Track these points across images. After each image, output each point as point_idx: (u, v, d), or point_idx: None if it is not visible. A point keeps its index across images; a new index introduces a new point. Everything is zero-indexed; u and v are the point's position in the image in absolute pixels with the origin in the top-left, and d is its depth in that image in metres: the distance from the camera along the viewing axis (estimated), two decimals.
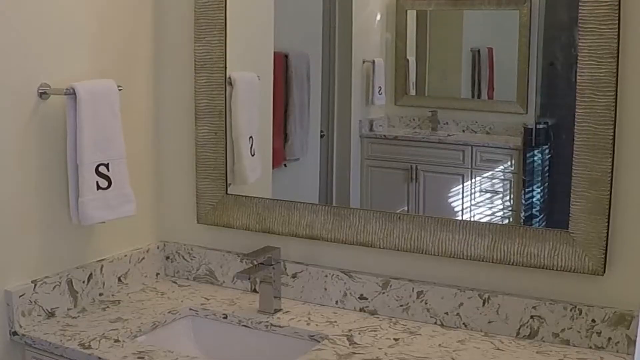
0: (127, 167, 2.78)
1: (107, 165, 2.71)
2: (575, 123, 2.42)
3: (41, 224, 2.68)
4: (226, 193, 3.04)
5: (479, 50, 2.92)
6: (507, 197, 2.81)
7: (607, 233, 2.41)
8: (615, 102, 2.37)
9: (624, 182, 2.40)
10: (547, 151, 2.72)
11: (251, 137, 3.04)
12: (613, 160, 2.39)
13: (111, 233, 2.93)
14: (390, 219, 2.75)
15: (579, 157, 2.42)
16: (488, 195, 2.85)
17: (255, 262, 2.77)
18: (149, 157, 3.15)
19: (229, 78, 2.99)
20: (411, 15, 2.99)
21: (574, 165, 2.43)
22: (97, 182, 2.68)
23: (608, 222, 2.41)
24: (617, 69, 2.36)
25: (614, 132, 2.38)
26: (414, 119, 3.00)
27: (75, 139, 2.64)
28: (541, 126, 2.74)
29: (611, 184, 2.40)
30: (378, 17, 3.05)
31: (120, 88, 2.77)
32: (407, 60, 3.02)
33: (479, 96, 2.95)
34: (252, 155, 3.05)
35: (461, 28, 3.01)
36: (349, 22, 3.05)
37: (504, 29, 2.87)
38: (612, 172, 2.40)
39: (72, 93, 2.62)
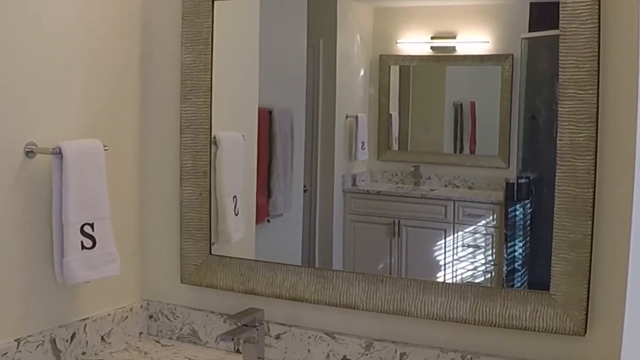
0: (111, 226, 2.78)
1: (92, 225, 2.71)
2: (556, 186, 2.44)
3: (25, 282, 2.67)
4: (210, 253, 3.04)
5: (461, 105, 2.95)
6: (489, 252, 2.83)
7: (588, 294, 2.43)
8: (595, 165, 2.40)
9: (604, 245, 2.42)
10: (528, 205, 2.74)
11: (235, 196, 3.05)
12: (593, 223, 2.41)
13: (95, 292, 2.92)
14: (373, 282, 2.76)
15: (559, 220, 2.45)
16: (470, 249, 2.86)
17: (239, 324, 2.77)
18: (133, 217, 3.16)
19: (214, 138, 3.01)
20: (394, 71, 3.02)
21: (554, 227, 2.46)
22: (81, 242, 2.68)
23: (589, 283, 2.43)
24: (597, 133, 2.39)
25: (594, 195, 2.41)
26: (396, 174, 3.01)
27: (61, 198, 2.65)
28: (523, 181, 2.76)
29: (591, 246, 2.42)
30: (361, 73, 3.07)
31: (106, 148, 2.78)
32: (390, 115, 3.04)
33: (461, 151, 2.98)
34: (236, 215, 3.06)
35: (444, 83, 3.04)
36: (332, 78, 3.07)
37: (486, 83, 2.90)
38: (592, 234, 2.42)
39: (58, 152, 2.63)
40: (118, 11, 3.01)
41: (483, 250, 2.84)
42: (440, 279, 2.86)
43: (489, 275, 2.83)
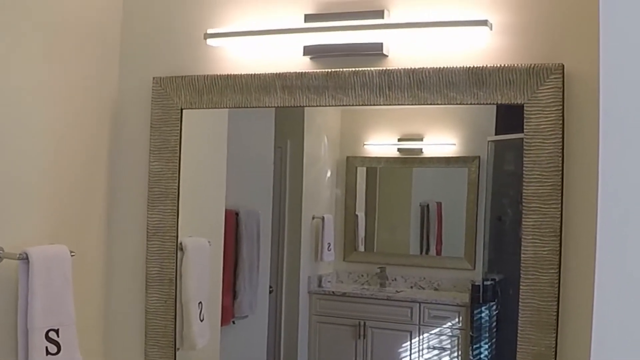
0: (77, 332, 2.75)
1: (57, 331, 2.67)
2: (520, 299, 2.45)
3: None
4: None
5: (427, 205, 2.97)
6: (455, 354, 2.83)
7: None
8: (559, 279, 2.41)
9: (568, 358, 2.42)
10: (494, 307, 2.74)
11: (200, 302, 3.03)
12: (557, 335, 2.42)
13: None
14: None
15: (523, 332, 2.45)
16: (436, 352, 2.86)
17: None
18: (98, 323, 3.13)
19: (180, 244, 3.00)
20: (361, 172, 3.04)
21: (518, 340, 2.46)
22: (46, 347, 2.64)
23: None
24: (560, 247, 2.41)
25: (558, 308, 2.42)
26: (362, 275, 3.02)
27: (27, 303, 2.62)
28: (488, 283, 2.77)
29: (555, 359, 2.42)
30: (328, 174, 3.09)
31: (72, 254, 2.76)
32: (357, 216, 3.06)
33: (427, 252, 2.99)
34: (202, 321, 3.03)
35: (410, 184, 3.07)
36: (299, 179, 3.08)
37: (453, 184, 2.93)
38: (556, 347, 2.42)
39: (25, 258, 2.61)
40: (87, 117, 3.02)
41: (449, 352, 2.84)
42: None
43: None
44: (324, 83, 2.71)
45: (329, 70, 2.71)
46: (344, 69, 2.68)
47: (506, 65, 2.48)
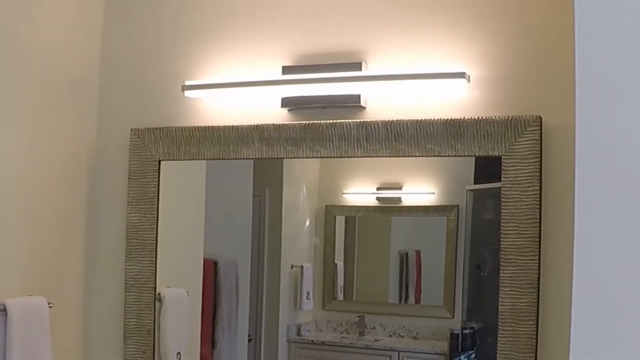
0: None
1: None
2: (498, 351, 2.45)
3: None
4: None
5: (407, 254, 2.97)
6: None
7: None
8: (537, 330, 2.41)
9: None
10: (473, 356, 2.74)
11: (179, 353, 3.01)
12: None
13: None
14: None
15: None
16: None
17: None
18: None
19: (159, 295, 2.98)
20: (340, 221, 3.04)
21: None
22: None
23: None
24: (538, 299, 2.41)
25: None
26: (341, 324, 3.01)
27: (5, 355, 2.60)
28: (467, 331, 2.77)
29: None
30: (307, 223, 3.09)
31: (50, 305, 2.75)
32: (336, 264, 3.05)
33: (406, 300, 2.99)
34: None
35: (389, 232, 3.07)
36: (278, 228, 3.08)
37: (432, 233, 2.94)
38: None
39: (3, 310, 2.60)
40: (64, 167, 3.01)
41: None
42: None
43: None
44: (301, 135, 2.72)
45: (307, 122, 2.72)
46: (322, 121, 2.70)
47: (484, 117, 2.49)
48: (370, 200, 2.98)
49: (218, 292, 3.10)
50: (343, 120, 2.67)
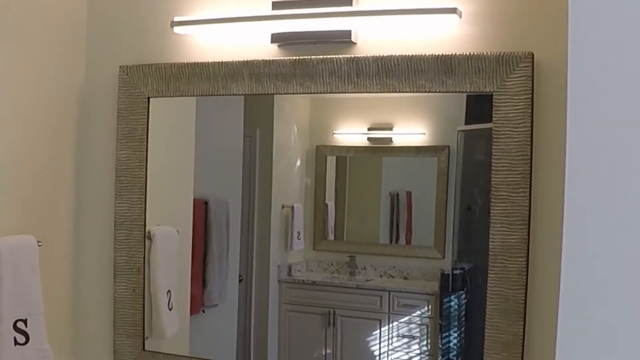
0: (45, 322, 2.74)
1: (25, 321, 2.67)
2: (488, 287, 2.46)
3: None
4: (143, 349, 3.00)
5: (397, 194, 2.96)
6: (424, 342, 2.83)
7: None
8: (527, 267, 2.42)
9: (535, 346, 2.44)
10: (463, 296, 2.74)
11: (169, 291, 3.02)
12: (525, 323, 2.43)
13: None
14: None
15: (491, 320, 2.46)
16: (405, 340, 2.85)
17: None
18: (67, 313, 3.11)
19: (148, 233, 2.99)
20: (331, 161, 3.03)
21: (486, 327, 2.47)
22: (14, 338, 2.64)
23: None
24: (529, 235, 2.41)
25: (526, 296, 2.42)
26: (332, 264, 3.01)
27: None
28: (458, 272, 2.77)
29: (523, 347, 2.43)
30: (298, 163, 3.08)
31: (40, 244, 2.75)
32: (326, 205, 3.04)
33: (397, 241, 2.98)
34: (170, 310, 3.02)
35: (380, 173, 3.05)
36: (269, 168, 3.07)
37: (423, 174, 2.92)
38: (523, 335, 2.43)
39: None
40: (53, 106, 2.99)
41: (418, 340, 2.83)
42: None
43: None
44: (291, 71, 2.70)
45: (297, 57, 2.70)
46: (312, 57, 2.68)
47: (475, 53, 2.47)
48: (361, 141, 2.96)
49: (209, 232, 3.10)
50: (333, 56, 2.65)
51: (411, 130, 2.86)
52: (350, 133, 2.95)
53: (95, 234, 3.10)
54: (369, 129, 2.92)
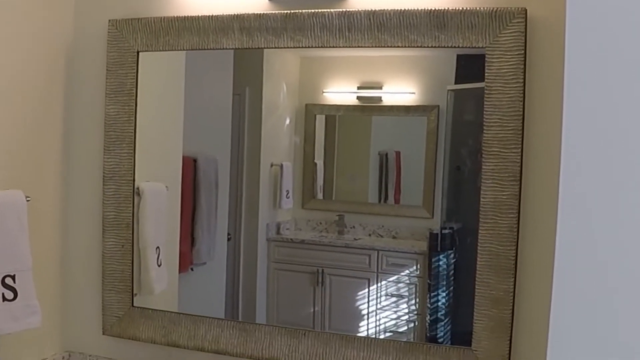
0: (33, 278, 2.73)
1: (13, 277, 2.65)
2: (478, 243, 2.47)
3: None
4: (132, 305, 3.01)
5: (386, 154, 2.95)
6: (413, 301, 2.83)
7: (510, 351, 2.46)
8: (518, 223, 2.42)
9: (526, 302, 2.45)
10: (452, 256, 2.75)
11: (158, 247, 3.02)
12: (515, 280, 2.44)
13: (16, 343, 2.85)
14: (295, 335, 2.76)
15: (482, 277, 2.47)
16: (394, 299, 2.86)
17: None
18: (55, 268, 3.11)
19: (137, 189, 2.98)
20: (320, 120, 3.01)
21: (476, 284, 2.48)
22: (2, 294, 2.62)
23: (510, 340, 2.45)
24: (520, 191, 2.41)
25: (516, 252, 2.44)
26: (320, 223, 3.00)
27: None
28: (446, 231, 2.77)
29: (513, 303, 2.44)
30: (287, 121, 3.06)
31: (28, 199, 2.73)
32: (315, 164, 3.03)
33: (385, 200, 2.98)
34: (159, 266, 3.02)
35: (369, 132, 3.04)
36: (258, 126, 3.05)
37: (412, 133, 2.91)
38: (514, 292, 2.44)
39: None
40: (41, 60, 2.97)
41: (406, 299, 2.84)
42: (364, 329, 2.85)
43: (412, 325, 2.83)
44: (282, 24, 2.69)
45: (288, 11, 2.68)
46: (303, 11, 2.66)
47: (468, 8, 2.46)
48: (350, 100, 2.95)
49: (197, 190, 3.09)
50: (325, 10, 2.63)
51: (401, 90, 2.85)
52: (340, 92, 2.94)
53: (84, 189, 3.09)
54: (358, 88, 2.91)
